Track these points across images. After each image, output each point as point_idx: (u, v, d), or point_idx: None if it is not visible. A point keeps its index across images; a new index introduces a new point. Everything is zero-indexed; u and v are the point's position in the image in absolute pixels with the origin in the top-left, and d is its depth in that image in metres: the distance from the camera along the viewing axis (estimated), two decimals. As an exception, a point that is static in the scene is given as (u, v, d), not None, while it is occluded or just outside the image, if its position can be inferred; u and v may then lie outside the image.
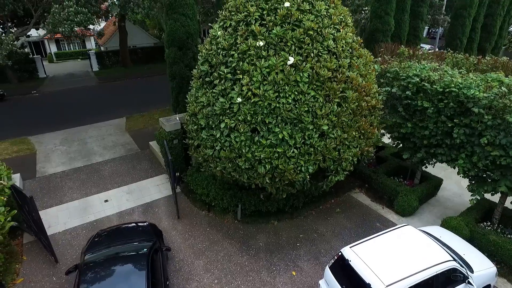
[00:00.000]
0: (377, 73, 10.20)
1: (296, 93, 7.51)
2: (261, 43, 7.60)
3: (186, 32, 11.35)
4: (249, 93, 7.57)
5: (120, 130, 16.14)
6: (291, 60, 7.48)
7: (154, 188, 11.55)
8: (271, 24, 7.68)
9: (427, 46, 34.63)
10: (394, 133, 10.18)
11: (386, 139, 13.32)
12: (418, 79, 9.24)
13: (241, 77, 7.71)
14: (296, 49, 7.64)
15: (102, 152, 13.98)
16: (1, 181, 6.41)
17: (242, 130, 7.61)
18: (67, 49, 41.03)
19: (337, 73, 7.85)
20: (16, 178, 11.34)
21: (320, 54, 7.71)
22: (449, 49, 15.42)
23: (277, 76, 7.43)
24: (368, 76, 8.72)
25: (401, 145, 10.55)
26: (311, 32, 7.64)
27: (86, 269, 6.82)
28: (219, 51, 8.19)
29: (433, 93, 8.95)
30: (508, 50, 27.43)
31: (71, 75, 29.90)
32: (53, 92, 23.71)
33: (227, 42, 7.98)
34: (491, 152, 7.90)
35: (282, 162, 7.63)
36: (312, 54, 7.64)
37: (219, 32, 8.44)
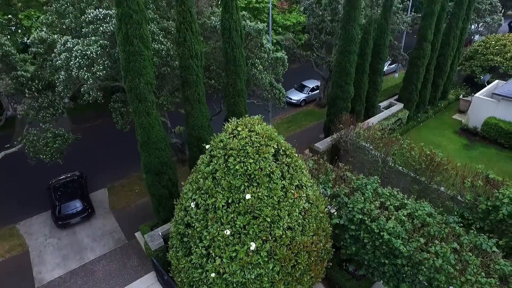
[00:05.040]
0: (328, 199, 12.06)
1: (258, 269, 9.39)
2: (228, 232, 9.24)
3: (160, 162, 12.50)
4: (221, 269, 9.37)
5: (105, 210, 17.41)
6: (253, 246, 9.24)
7: (145, 292, 13.47)
8: (235, 214, 9.27)
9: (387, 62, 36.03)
10: (342, 250, 12.40)
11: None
12: (361, 216, 11.29)
13: (213, 254, 9.43)
14: (257, 232, 9.35)
15: (92, 245, 15.42)
16: None
17: (217, 299, 9.53)
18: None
19: (291, 245, 9.71)
20: (19, 296, 12.91)
21: (276, 235, 9.47)
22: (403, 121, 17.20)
23: (241, 260, 9.22)
24: (319, 224, 10.64)
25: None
26: (269, 219, 9.32)
27: (54, 187, 17.26)
28: (193, 224, 9.76)
29: (371, 230, 11.06)
30: (461, 73, 29.68)
31: (41, 110, 29.33)
32: (27, 143, 23.77)
33: (200, 224, 9.54)
34: (409, 292, 10.35)
35: (250, 318, 9.73)
36: (270, 237, 9.40)
37: (192, 204, 9.94)
